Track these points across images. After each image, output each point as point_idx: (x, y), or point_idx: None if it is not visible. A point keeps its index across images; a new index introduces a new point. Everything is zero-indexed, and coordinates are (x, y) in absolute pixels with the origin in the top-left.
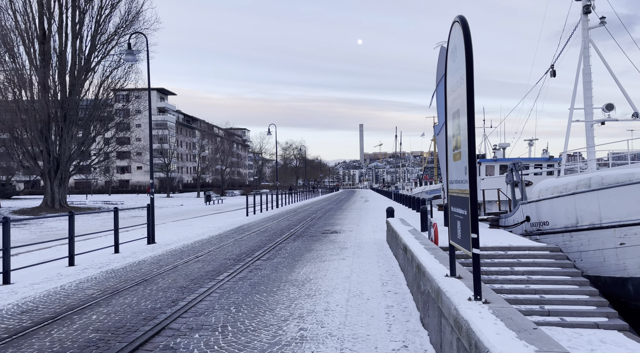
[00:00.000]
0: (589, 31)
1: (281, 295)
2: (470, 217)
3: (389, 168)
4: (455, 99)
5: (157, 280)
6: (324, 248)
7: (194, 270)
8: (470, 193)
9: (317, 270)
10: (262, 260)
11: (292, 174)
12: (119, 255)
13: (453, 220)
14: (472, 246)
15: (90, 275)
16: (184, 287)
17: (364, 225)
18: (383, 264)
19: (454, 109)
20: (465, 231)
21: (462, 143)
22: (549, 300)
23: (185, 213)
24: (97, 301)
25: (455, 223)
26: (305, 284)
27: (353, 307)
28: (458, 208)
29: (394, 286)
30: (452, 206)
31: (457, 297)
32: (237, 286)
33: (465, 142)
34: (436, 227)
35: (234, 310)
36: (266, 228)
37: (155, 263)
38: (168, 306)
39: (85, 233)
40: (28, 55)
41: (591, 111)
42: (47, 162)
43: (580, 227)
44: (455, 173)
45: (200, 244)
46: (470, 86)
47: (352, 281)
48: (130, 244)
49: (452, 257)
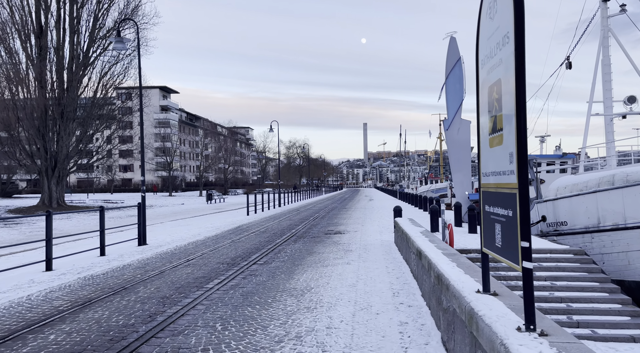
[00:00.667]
0: (608, 20)
1: (277, 308)
2: (520, 219)
3: (393, 167)
4: (494, 67)
5: (138, 289)
6: (326, 251)
7: (182, 276)
8: (519, 187)
9: (319, 277)
10: (258, 265)
11: (296, 173)
12: (104, 258)
13: (488, 223)
14: (523, 257)
15: (65, 282)
16: (167, 298)
17: (370, 225)
18: (393, 269)
19: (492, 80)
20: (510, 238)
21: (506, 122)
22: (578, 310)
23: (184, 212)
24: (61, 316)
25: (491, 226)
26: (305, 294)
27: (360, 324)
28: (497, 208)
29: (406, 296)
30: (487, 204)
31: (500, 325)
32: (227, 297)
33: (512, 119)
34: (451, 228)
35: (219, 328)
36: (266, 228)
37: (141, 267)
38: (143, 323)
39: (77, 232)
40: (24, 50)
41: (611, 104)
42: (45, 160)
43: (602, 227)
44: (493, 163)
45: (194, 246)
46: (521, 42)
47: (358, 290)
48: (120, 245)
49: (485, 268)
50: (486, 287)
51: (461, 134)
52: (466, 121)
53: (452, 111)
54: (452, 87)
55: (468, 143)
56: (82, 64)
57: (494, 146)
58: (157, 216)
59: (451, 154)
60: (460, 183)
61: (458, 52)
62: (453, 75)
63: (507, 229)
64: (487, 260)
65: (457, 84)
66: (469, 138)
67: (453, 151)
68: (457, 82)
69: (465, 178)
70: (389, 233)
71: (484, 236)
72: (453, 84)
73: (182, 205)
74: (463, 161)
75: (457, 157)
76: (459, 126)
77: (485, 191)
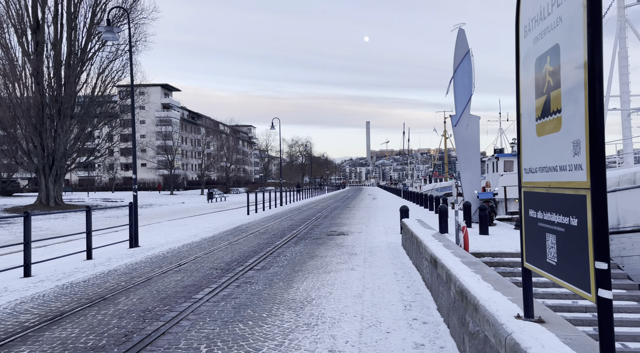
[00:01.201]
0: (625, 10)
1: (272, 325)
2: (593, 232)
3: (396, 166)
4: (546, 31)
5: (119, 299)
6: (329, 254)
7: (170, 284)
8: (591, 187)
9: (321, 285)
10: (255, 270)
11: (298, 171)
12: (90, 262)
13: (535, 232)
14: (598, 284)
15: (41, 290)
16: (149, 311)
17: (374, 226)
18: (402, 276)
19: (543, 48)
20: (572, 255)
21: (567, 100)
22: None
23: (184, 211)
24: (23, 335)
25: (540, 237)
26: (304, 306)
27: (369, 346)
28: (551, 213)
29: (420, 310)
30: (532, 209)
31: None
32: (216, 310)
33: (578, 95)
34: (466, 231)
35: (204, 350)
36: (266, 228)
37: (128, 273)
38: (116, 344)
39: (70, 233)
40: (21, 45)
41: (628, 99)
42: (42, 158)
43: (622, 229)
44: (544, 155)
45: (188, 248)
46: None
47: (365, 302)
48: (110, 248)
49: (528, 288)
50: (529, 312)
51: (470, 131)
52: (475, 116)
53: (460, 107)
54: (461, 82)
55: (477, 140)
56: (79, 59)
57: (546, 134)
58: (156, 216)
59: (459, 151)
60: (469, 182)
61: (467, 45)
62: (462, 69)
63: (567, 242)
64: (529, 278)
65: (465, 78)
66: (478, 135)
67: (461, 148)
68: (466, 76)
69: (474, 176)
70: (395, 234)
71: (526, 249)
72: (461, 78)
73: (183, 204)
74: (472, 159)
75: (466, 155)
76: (468, 122)
77: (529, 192)
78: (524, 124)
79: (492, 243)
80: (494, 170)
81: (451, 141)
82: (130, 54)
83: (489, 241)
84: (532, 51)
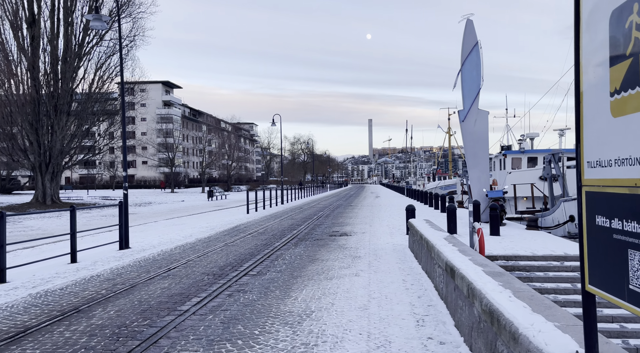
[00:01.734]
0: None
1: (265, 345)
2: None
3: (399, 164)
4: None
5: (94, 312)
6: (331, 258)
7: (155, 292)
8: None
9: (322, 295)
10: (250, 276)
11: (300, 169)
12: (73, 265)
13: (611, 247)
14: None
15: (10, 300)
16: (124, 327)
17: (378, 225)
18: (412, 284)
19: None
20: None
21: None
22: (634, 332)
23: (182, 210)
24: None
25: (619, 254)
26: (303, 321)
27: None
28: (632, 222)
29: (435, 327)
30: (602, 215)
31: None
32: (202, 326)
33: None
34: (481, 234)
35: None
36: (265, 228)
37: (111, 279)
38: None
39: (62, 233)
40: (16, 39)
41: None
42: (38, 155)
43: None
44: (625, 142)
45: (181, 250)
46: None
47: (371, 315)
48: (98, 250)
49: (592, 319)
50: (592, 347)
51: (478, 126)
52: (484, 111)
53: (468, 101)
54: (469, 75)
55: (486, 136)
56: (76, 54)
57: (631, 112)
58: (153, 214)
59: (467, 148)
60: (477, 180)
61: (475, 36)
62: (469, 61)
63: None
64: (593, 305)
65: (473, 71)
66: (487, 130)
67: (469, 144)
68: (474, 69)
69: (483, 174)
70: (401, 235)
71: (590, 268)
72: (469, 72)
73: (182, 202)
74: (480, 156)
75: (474, 151)
76: (476, 117)
77: (595, 193)
78: (587, 102)
79: (504, 245)
80: (502, 167)
81: (456, 138)
82: (120, 47)
83: (501, 243)
84: (603, 1)
